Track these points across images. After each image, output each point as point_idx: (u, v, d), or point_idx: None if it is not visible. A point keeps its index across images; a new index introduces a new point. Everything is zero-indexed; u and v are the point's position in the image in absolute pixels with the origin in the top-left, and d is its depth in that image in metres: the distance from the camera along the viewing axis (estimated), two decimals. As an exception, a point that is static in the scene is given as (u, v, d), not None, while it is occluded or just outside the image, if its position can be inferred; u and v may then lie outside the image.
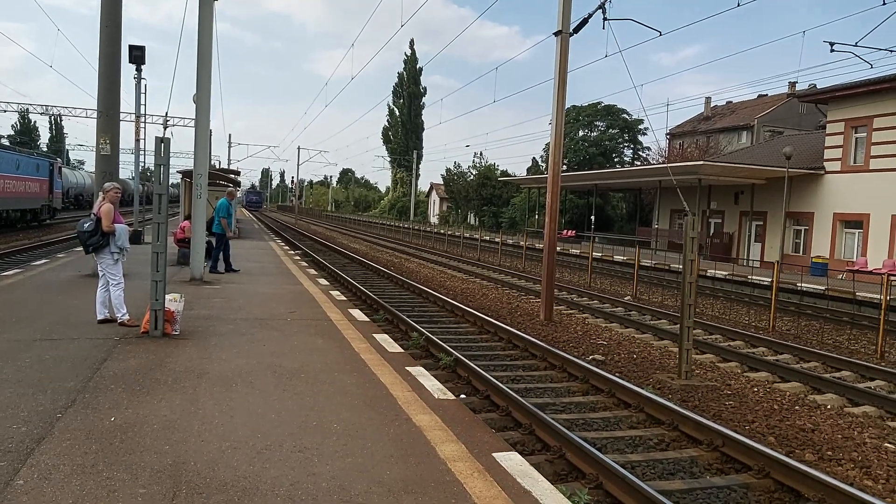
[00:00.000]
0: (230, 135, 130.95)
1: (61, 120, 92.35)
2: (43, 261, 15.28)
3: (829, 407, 8.33)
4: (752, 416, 7.73)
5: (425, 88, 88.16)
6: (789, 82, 48.75)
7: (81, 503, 3.45)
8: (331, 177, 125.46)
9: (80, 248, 8.80)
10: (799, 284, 19.30)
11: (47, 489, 3.58)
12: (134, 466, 3.93)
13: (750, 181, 30.47)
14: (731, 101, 55.32)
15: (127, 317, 7.94)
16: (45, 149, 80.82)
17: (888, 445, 6.90)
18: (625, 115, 57.01)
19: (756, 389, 8.95)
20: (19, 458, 3.97)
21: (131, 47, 20.17)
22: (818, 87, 33.23)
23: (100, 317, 8.05)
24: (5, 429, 4.43)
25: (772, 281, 15.31)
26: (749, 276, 21.44)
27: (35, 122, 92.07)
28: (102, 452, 4.13)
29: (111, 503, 3.47)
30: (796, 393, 8.93)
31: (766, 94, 51.67)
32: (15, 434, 4.35)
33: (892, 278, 17.08)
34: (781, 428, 7.34)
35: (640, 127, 56.54)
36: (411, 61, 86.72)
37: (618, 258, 27.79)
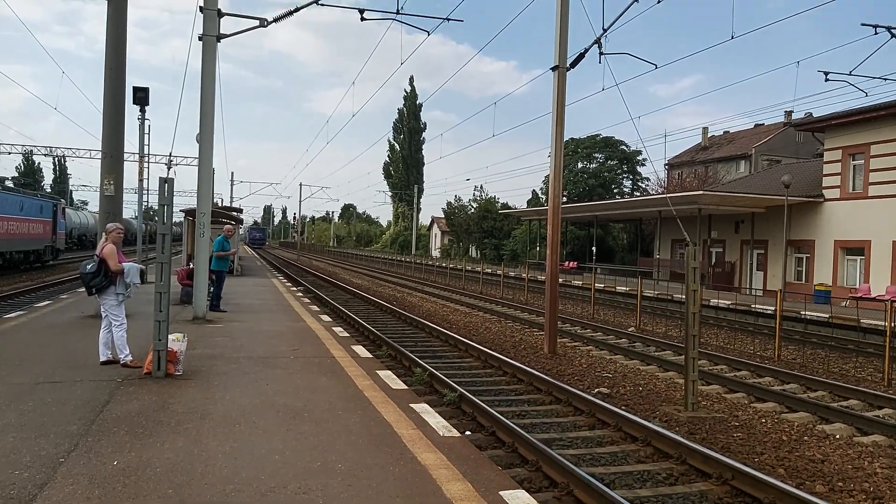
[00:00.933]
0: (232, 172, 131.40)
1: (65, 161, 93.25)
2: (46, 302, 15.29)
3: (837, 437, 8.24)
4: (761, 447, 7.65)
5: (425, 124, 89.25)
6: (785, 111, 49.27)
7: (84, 550, 3.41)
8: (333, 212, 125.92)
9: (83, 290, 8.81)
10: (802, 312, 19.24)
11: (50, 536, 3.54)
12: (137, 511, 3.89)
13: (750, 210, 30.59)
14: (728, 131, 55.84)
15: (130, 358, 7.92)
16: (48, 190, 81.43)
17: (900, 476, 6.81)
18: (623, 147, 57.47)
19: (764, 420, 8.87)
20: (22, 504, 3.94)
21: (135, 88, 20.46)
22: (814, 115, 33.61)
23: (103, 358, 8.03)
24: (7, 475, 4.40)
25: (775, 309, 15.26)
26: (752, 305, 21.37)
27: (39, 163, 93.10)
28: (105, 497, 4.09)
29: (114, 550, 3.42)
30: (804, 423, 8.85)
31: (763, 124, 52.15)
32: (17, 480, 4.31)
33: (897, 305, 17.01)
34: (791, 459, 7.26)
35: (639, 158, 56.94)
36: (411, 97, 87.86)
37: (620, 289, 27.75)
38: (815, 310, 19.95)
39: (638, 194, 53.54)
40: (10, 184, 33.14)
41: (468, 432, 7.34)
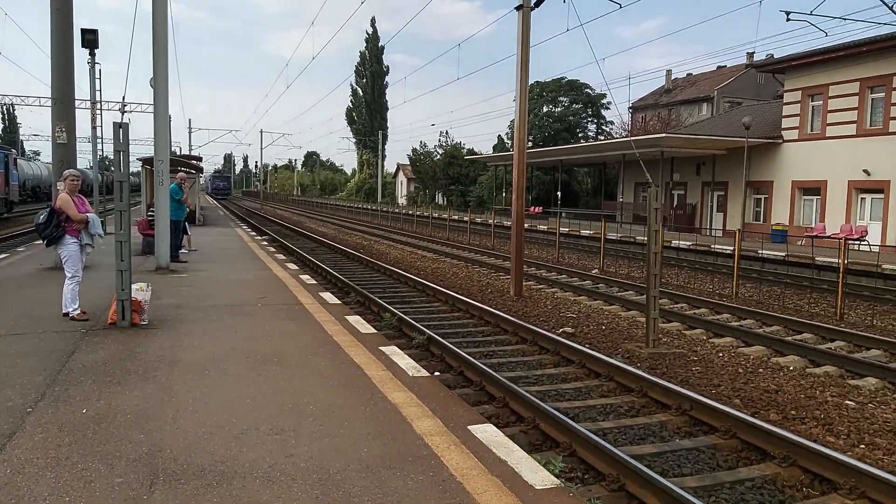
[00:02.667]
0: (190, 120, 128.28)
1: (14, 109, 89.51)
2: (2, 255, 14.89)
3: (791, 368, 8.61)
4: (718, 380, 7.96)
5: (388, 67, 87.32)
6: (747, 53, 49.41)
7: (58, 495, 3.43)
8: (295, 160, 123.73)
9: (41, 242, 8.59)
10: (760, 252, 19.78)
11: (22, 483, 3.55)
12: (109, 456, 3.92)
13: (711, 152, 30.97)
14: (691, 74, 55.90)
15: (78, 311, 7.74)
16: (-3, 140, 78.28)
17: (849, 403, 7.17)
18: (588, 90, 57.25)
19: (721, 354, 9.20)
20: (-10, 453, 3.92)
21: (83, 31, 19.57)
22: (775, 56, 33.82)
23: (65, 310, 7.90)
24: (-26, 425, 4.36)
25: (734, 249, 15.66)
26: (712, 246, 21.89)
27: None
28: (76, 444, 4.09)
29: (88, 493, 3.45)
30: (760, 356, 9.21)
31: (725, 66, 52.32)
32: (-16, 430, 4.29)
33: (850, 243, 17.58)
34: (746, 390, 7.57)
35: (604, 101, 56.88)
36: (373, 40, 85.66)
37: (584, 233, 28.10)
38: (772, 249, 20.52)
39: (602, 138, 53.65)
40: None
41: (437, 373, 7.46)
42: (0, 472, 3.67)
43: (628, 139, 34.49)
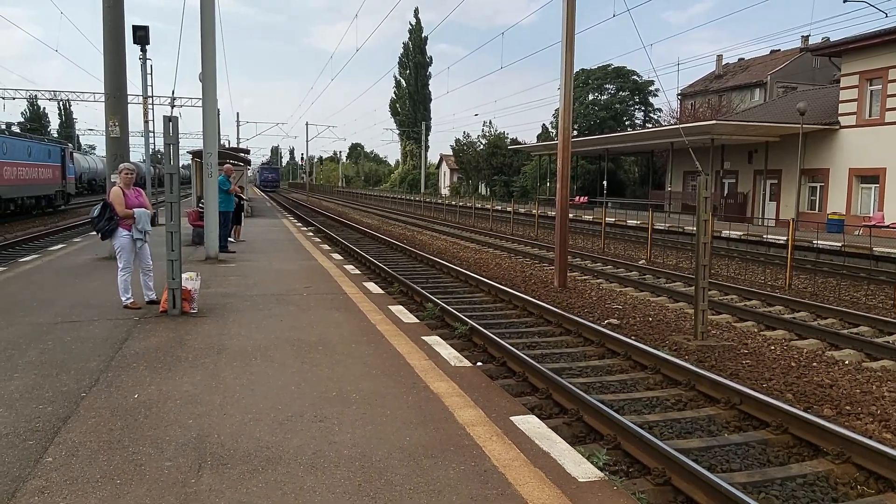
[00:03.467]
0: (238, 113, 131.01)
1: (70, 105, 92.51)
2: (59, 245, 15.45)
3: (846, 362, 8.31)
4: (770, 373, 7.74)
5: (431, 58, 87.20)
6: (802, 36, 47.81)
7: (110, 477, 3.53)
8: (340, 152, 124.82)
9: (95, 233, 8.85)
10: (815, 242, 19.14)
11: (76, 465, 3.67)
12: (159, 441, 4.02)
13: (764, 139, 30.06)
14: (742, 59, 54.36)
15: (131, 300, 7.97)
16: (55, 135, 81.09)
17: (907, 398, 6.89)
18: (635, 77, 56.20)
19: (773, 348, 8.95)
20: (47, 436, 4.07)
21: (135, 27, 20.08)
22: (831, 39, 32.58)
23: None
24: (32, 409, 4.53)
25: (787, 239, 15.19)
26: (764, 236, 21.27)
27: (44, 108, 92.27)
28: (128, 428, 4.21)
29: (139, 476, 3.55)
30: (814, 350, 8.92)
31: (779, 50, 50.68)
32: (41, 414, 4.45)
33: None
34: (799, 384, 7.35)
35: (651, 88, 55.76)
36: (416, 30, 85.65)
37: (631, 222, 27.64)
38: (827, 239, 19.83)
39: (650, 126, 52.64)
40: (17, 129, 32.95)
41: (479, 363, 7.46)
42: (55, 455, 3.80)
43: (677, 126, 33.75)
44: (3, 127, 28.78)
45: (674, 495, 4.53)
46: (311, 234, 20.61)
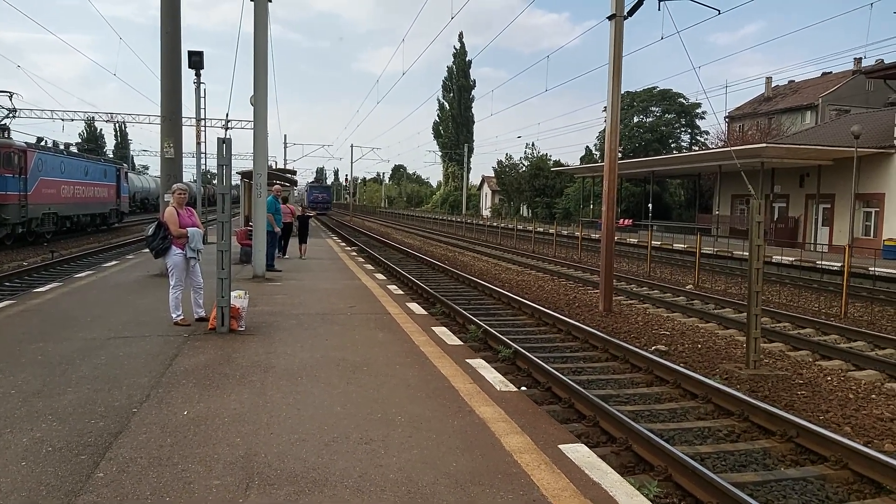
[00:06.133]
0: (285, 135, 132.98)
1: (126, 126, 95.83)
2: (113, 262, 15.90)
3: (909, 396, 7.93)
4: (826, 405, 7.44)
5: (475, 81, 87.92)
6: (855, 58, 46.65)
7: (159, 494, 3.56)
8: (383, 173, 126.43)
9: (147, 251, 9.07)
10: (871, 269, 18.45)
11: (126, 481, 3.71)
12: (207, 459, 4.04)
13: (816, 163, 29.29)
14: (793, 81, 53.23)
15: (181, 317, 8.11)
16: (111, 155, 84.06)
17: (977, 436, 6.53)
18: (681, 100, 55.62)
19: (829, 378, 8.61)
20: (98, 451, 4.13)
21: (190, 52, 20.67)
22: (886, 62, 31.65)
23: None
24: (84, 424, 4.62)
25: (842, 265, 14.68)
26: (817, 262, 20.60)
27: (101, 129, 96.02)
28: (177, 445, 4.26)
29: (188, 494, 3.57)
30: (872, 381, 8.55)
31: (831, 72, 49.53)
32: (93, 429, 4.53)
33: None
34: (858, 417, 7.04)
35: (698, 111, 55.08)
36: (460, 54, 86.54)
37: (677, 246, 27.15)
38: (884, 266, 19.10)
39: (696, 148, 51.88)
40: (74, 149, 34.22)
41: (524, 388, 7.35)
42: (106, 471, 3.85)
43: (726, 149, 33.12)
44: (62, 147, 29.84)
45: (729, 532, 4.36)
46: (354, 253, 20.79)
